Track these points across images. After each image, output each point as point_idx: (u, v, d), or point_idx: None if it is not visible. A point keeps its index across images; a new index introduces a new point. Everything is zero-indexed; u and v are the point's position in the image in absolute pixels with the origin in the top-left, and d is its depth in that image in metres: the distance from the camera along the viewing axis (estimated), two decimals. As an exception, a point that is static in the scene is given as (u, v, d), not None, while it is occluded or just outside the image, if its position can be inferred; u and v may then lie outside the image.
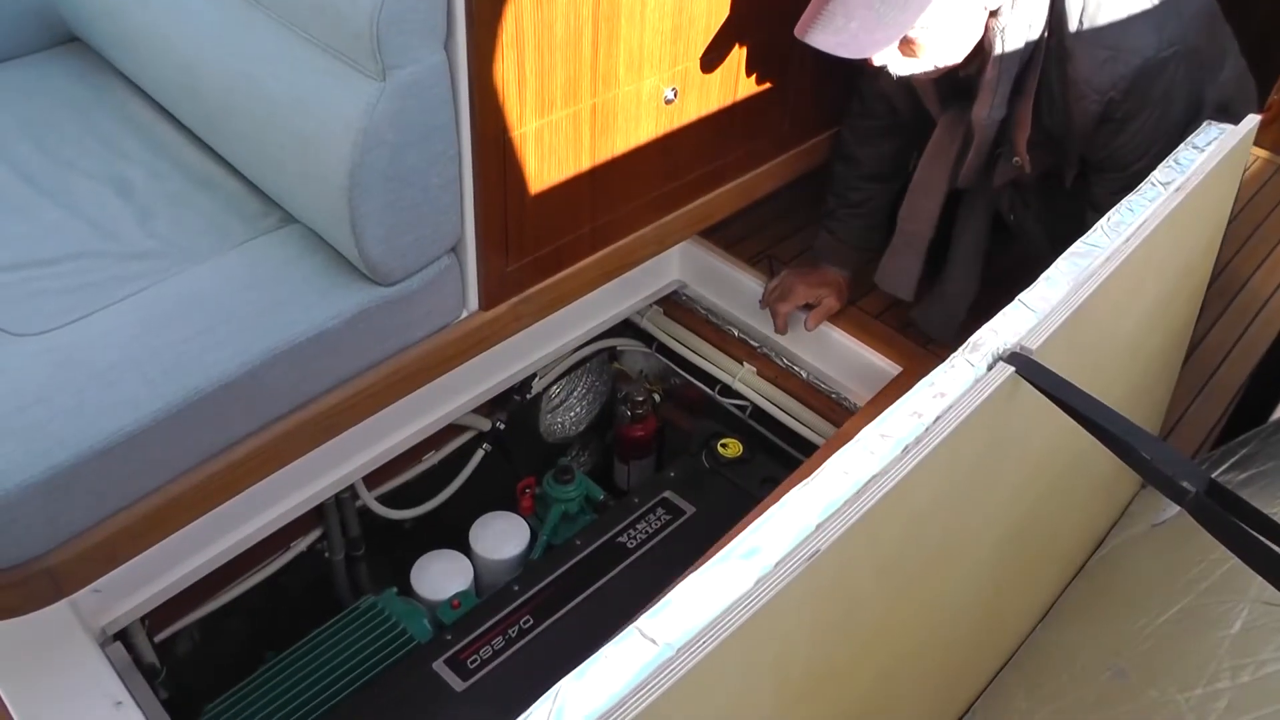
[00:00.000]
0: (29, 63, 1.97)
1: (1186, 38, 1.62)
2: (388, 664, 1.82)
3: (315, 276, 1.55)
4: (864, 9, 1.55)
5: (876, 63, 1.62)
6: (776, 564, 0.81)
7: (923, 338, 2.07)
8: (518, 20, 1.43)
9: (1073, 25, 1.61)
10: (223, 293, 1.50)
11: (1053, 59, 1.64)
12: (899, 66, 1.66)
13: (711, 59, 1.79)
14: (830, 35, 1.59)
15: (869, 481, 0.88)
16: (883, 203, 2.07)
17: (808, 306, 2.11)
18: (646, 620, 0.76)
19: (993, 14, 1.61)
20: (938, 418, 0.96)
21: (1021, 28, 1.61)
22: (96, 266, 1.52)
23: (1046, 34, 1.63)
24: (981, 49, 1.66)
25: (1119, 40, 1.60)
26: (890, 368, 2.06)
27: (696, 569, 0.80)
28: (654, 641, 0.75)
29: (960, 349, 1.05)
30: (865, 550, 0.92)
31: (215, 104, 1.65)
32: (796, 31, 1.62)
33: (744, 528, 0.85)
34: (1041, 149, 1.75)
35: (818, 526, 0.85)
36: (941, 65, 1.66)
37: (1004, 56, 1.63)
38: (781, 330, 2.12)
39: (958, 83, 1.76)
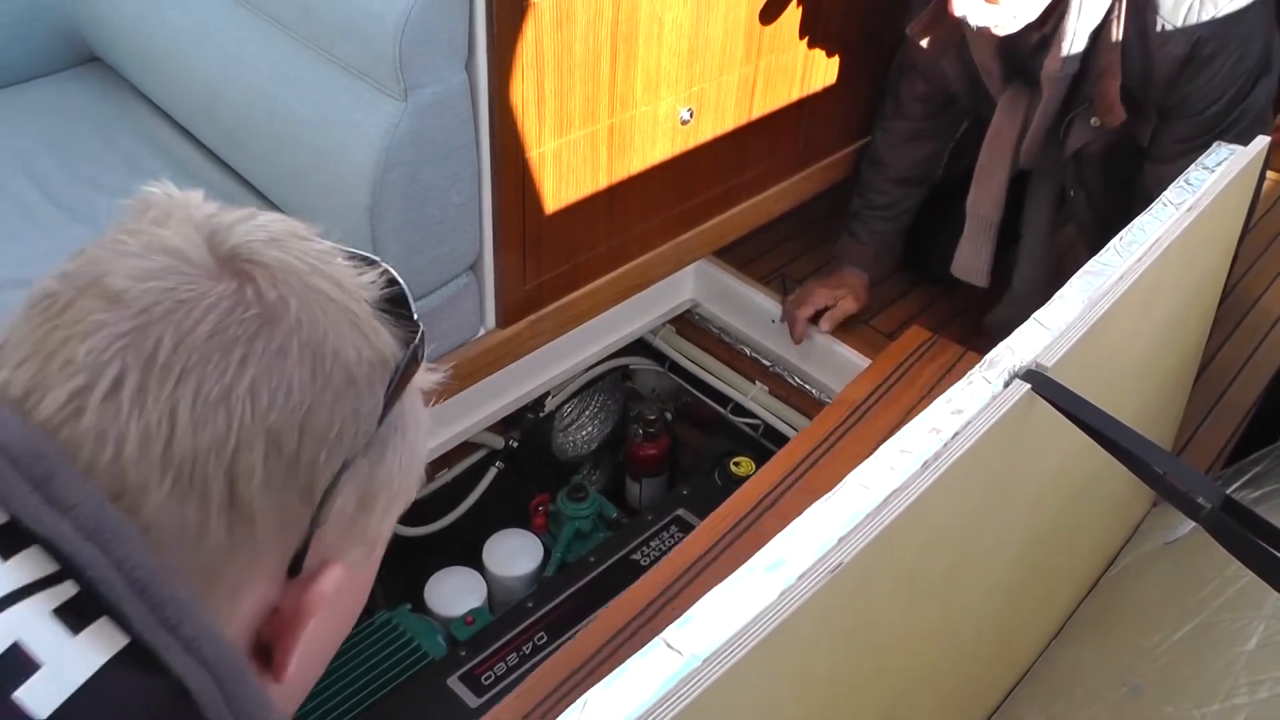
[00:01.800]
0: (51, 82, 1.99)
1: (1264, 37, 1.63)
2: (402, 680, 1.83)
3: (335, 294, 1.57)
4: None
5: (957, 12, 1.60)
6: (800, 576, 0.82)
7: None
8: (538, 42, 1.45)
9: None
10: (243, 310, 1.52)
11: (1132, 7, 1.62)
12: (979, 16, 1.62)
13: (727, 80, 1.81)
14: None
15: (889, 496, 0.90)
16: (908, 207, 2.08)
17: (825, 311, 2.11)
18: (672, 631, 0.78)
19: None
20: (956, 434, 0.97)
21: None
22: None
23: None
24: (1054, 9, 1.64)
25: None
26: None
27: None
28: (680, 653, 0.76)
29: (977, 366, 1.06)
30: (886, 564, 0.93)
31: (236, 123, 1.67)
32: None
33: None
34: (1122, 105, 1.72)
35: (840, 540, 0.86)
36: (1019, 18, 1.63)
37: (1084, 7, 1.61)
38: (799, 340, 2.13)
39: (1021, 58, 1.75)
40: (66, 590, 0.47)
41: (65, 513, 0.47)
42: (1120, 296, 1.16)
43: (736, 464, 2.18)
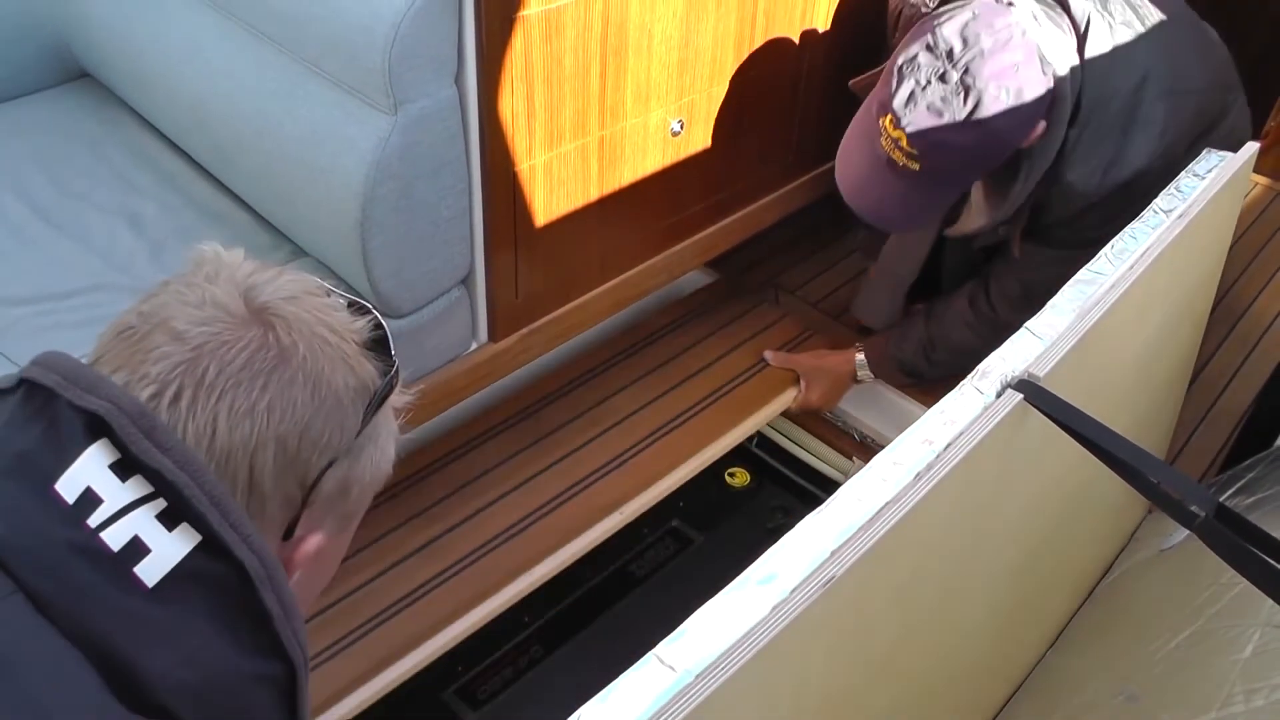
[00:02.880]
0: (42, 99, 1.99)
1: (1180, 142, 1.65)
2: (397, 694, 1.82)
3: (326, 309, 1.56)
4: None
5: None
6: (793, 590, 0.82)
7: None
8: (527, 55, 1.45)
9: (1080, 136, 1.63)
10: (235, 325, 1.51)
11: (1048, 177, 1.67)
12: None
13: (717, 91, 1.81)
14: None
15: (883, 508, 0.89)
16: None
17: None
18: (665, 647, 0.77)
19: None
20: (949, 445, 0.97)
21: (1051, 149, 1.63)
22: (109, 300, 1.54)
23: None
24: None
25: (1118, 151, 1.63)
26: (893, 395, 2.07)
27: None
28: (672, 668, 0.76)
29: (969, 376, 1.06)
30: (880, 576, 0.93)
31: (226, 138, 1.67)
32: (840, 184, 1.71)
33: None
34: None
35: (832, 553, 0.85)
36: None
37: (1030, 176, 1.66)
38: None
39: None
40: (160, 504, 0.69)
41: (165, 452, 0.69)
42: (1112, 305, 1.16)
43: (731, 475, 2.18)
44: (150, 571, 0.67)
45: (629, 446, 1.93)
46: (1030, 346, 1.09)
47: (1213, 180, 1.39)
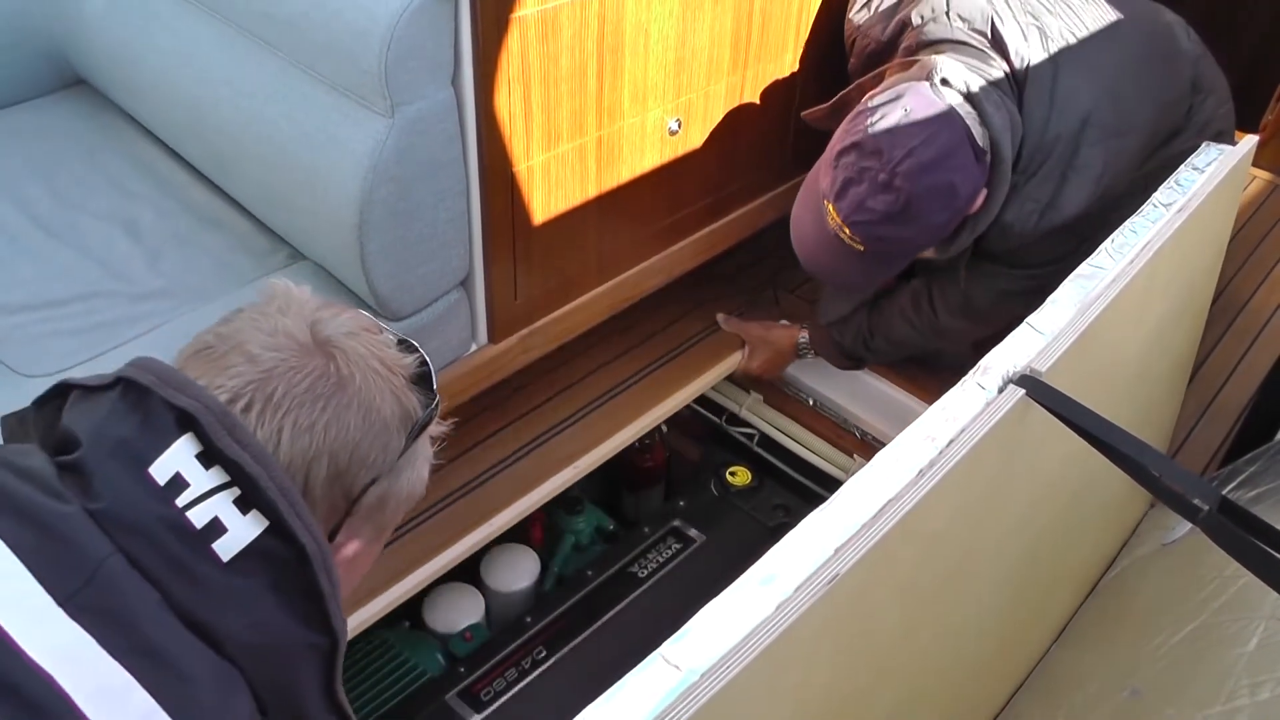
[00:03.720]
0: (37, 105, 1.98)
1: (1119, 182, 1.67)
2: (401, 697, 1.82)
3: (325, 312, 1.56)
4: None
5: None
6: (796, 589, 0.82)
7: (928, 366, 2.08)
8: (524, 55, 1.45)
9: (1017, 179, 1.64)
10: (233, 330, 1.51)
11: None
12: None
13: (715, 90, 1.81)
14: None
15: (885, 505, 0.89)
16: None
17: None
18: (670, 646, 0.77)
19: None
20: (951, 441, 0.97)
21: (994, 208, 1.65)
22: (107, 307, 1.53)
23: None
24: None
25: (1055, 195, 1.65)
26: (894, 392, 2.07)
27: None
28: (677, 668, 0.76)
29: (971, 372, 1.06)
30: (883, 573, 0.93)
31: (222, 143, 1.67)
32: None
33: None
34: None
35: (835, 551, 0.85)
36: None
37: (975, 230, 1.68)
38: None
39: None
40: (235, 491, 0.80)
41: (245, 448, 0.81)
42: (1113, 299, 1.16)
43: (732, 474, 2.18)
44: (226, 547, 0.79)
45: (583, 405, 2.03)
46: (1031, 341, 1.09)
47: (1212, 174, 1.39)
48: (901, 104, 1.56)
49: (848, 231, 1.59)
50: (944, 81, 1.57)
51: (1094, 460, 1.04)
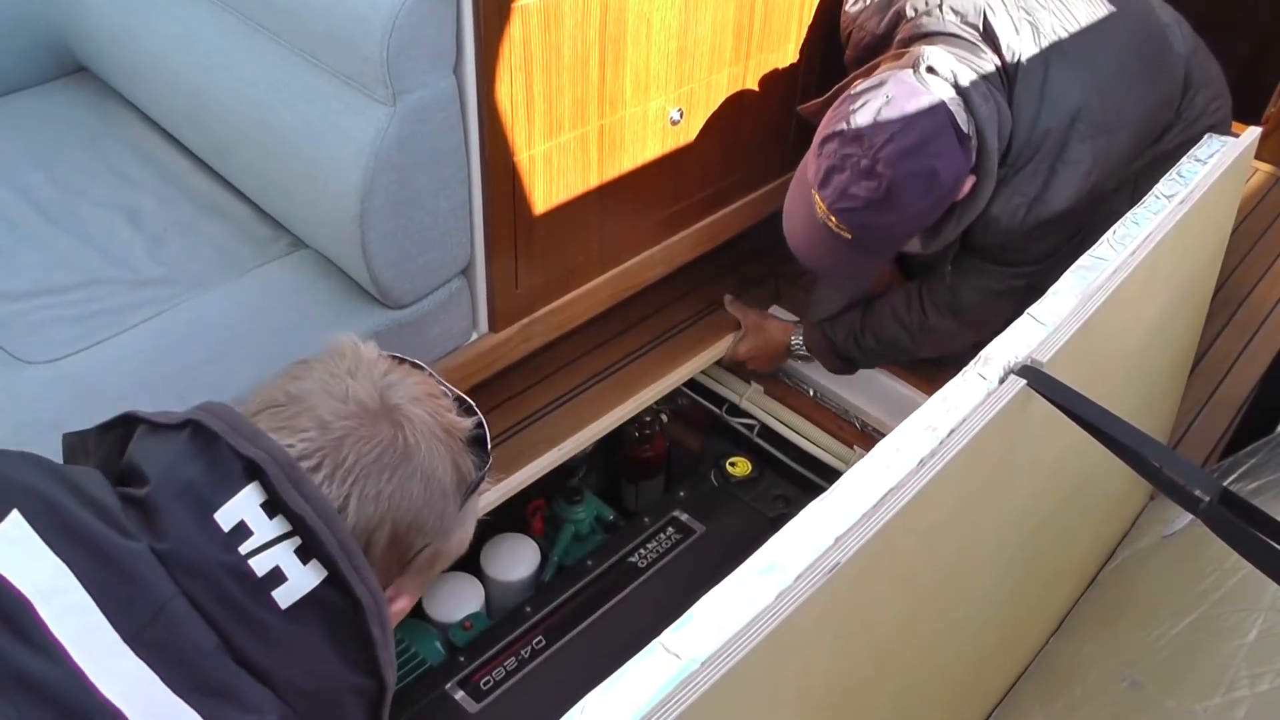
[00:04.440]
0: (38, 93, 1.98)
1: (1109, 179, 1.68)
2: (400, 686, 1.82)
3: (326, 301, 1.56)
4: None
5: None
6: (796, 578, 0.82)
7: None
8: (525, 44, 1.45)
9: (1005, 172, 1.64)
10: (234, 319, 1.51)
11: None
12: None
13: (717, 80, 1.80)
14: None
15: (886, 495, 0.89)
16: None
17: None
18: (670, 635, 0.77)
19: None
20: (951, 431, 0.97)
21: (982, 198, 1.65)
22: (108, 294, 1.53)
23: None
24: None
25: (1043, 190, 1.65)
26: (895, 383, 2.07)
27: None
28: (678, 656, 0.76)
29: (971, 363, 1.06)
30: (883, 563, 0.93)
31: (224, 131, 1.67)
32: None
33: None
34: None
35: (836, 540, 0.85)
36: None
37: (962, 220, 1.68)
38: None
39: None
40: (297, 540, 0.82)
41: (309, 501, 0.83)
42: (1114, 290, 1.16)
43: (732, 464, 2.18)
44: (285, 596, 0.82)
45: (572, 387, 2.03)
46: (1033, 332, 1.09)
47: (1214, 165, 1.38)
48: (884, 90, 1.56)
49: (834, 220, 1.60)
50: (930, 69, 1.57)
51: (1095, 451, 1.04)
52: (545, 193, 1.62)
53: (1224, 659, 1.18)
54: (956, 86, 1.58)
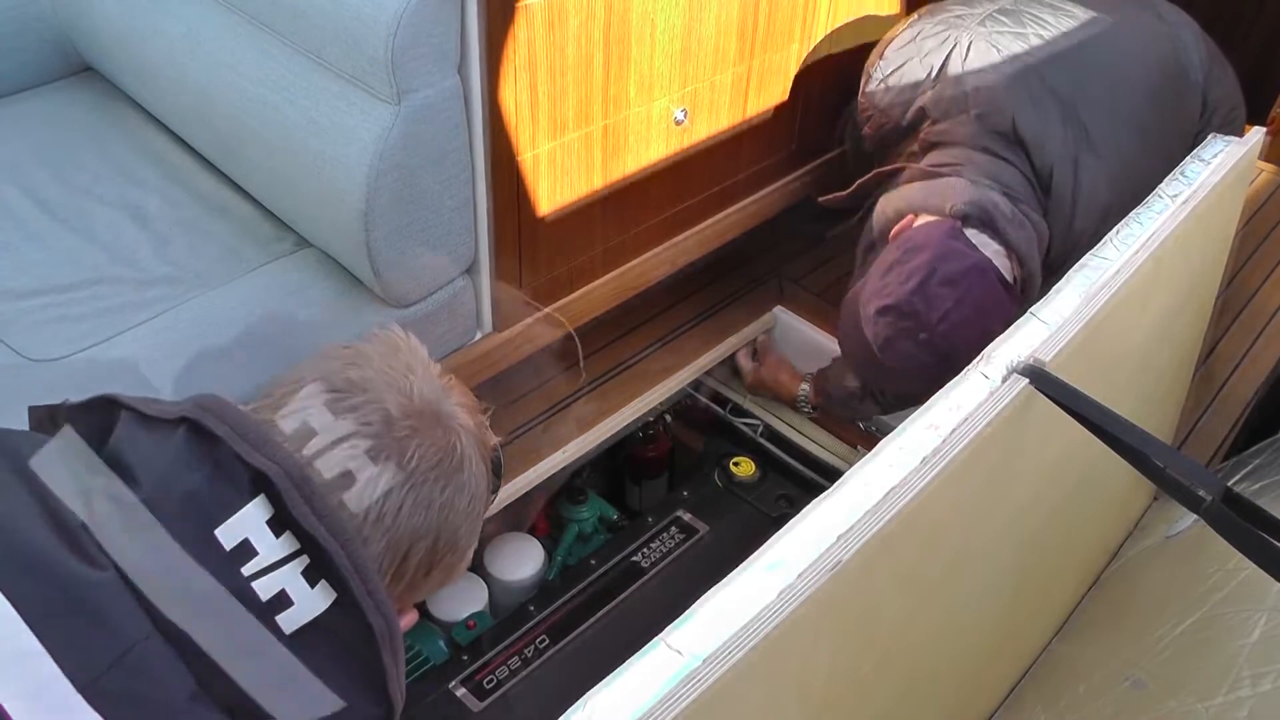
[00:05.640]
0: (44, 93, 1.99)
1: None
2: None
3: (330, 300, 1.57)
4: None
5: None
6: (799, 575, 0.82)
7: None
8: (530, 44, 1.45)
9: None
10: (239, 317, 1.52)
11: None
12: None
13: (721, 80, 1.80)
14: None
15: (888, 493, 0.89)
16: None
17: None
18: (672, 632, 0.77)
19: None
20: (954, 430, 0.97)
21: None
22: (113, 292, 1.54)
23: None
24: None
25: None
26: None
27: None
28: (680, 653, 0.76)
29: (975, 362, 1.06)
30: (886, 562, 0.93)
31: (229, 130, 1.67)
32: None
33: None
34: None
35: (839, 538, 0.85)
36: None
37: None
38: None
39: None
40: (305, 560, 0.76)
41: (321, 519, 0.76)
42: (1118, 290, 1.16)
43: (736, 464, 2.18)
44: (291, 621, 0.76)
45: (574, 390, 2.04)
46: (1036, 331, 1.09)
47: (1218, 166, 1.38)
48: (928, 261, 1.57)
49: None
50: (964, 219, 1.59)
51: (1098, 451, 1.04)
52: (549, 192, 1.62)
53: (1227, 659, 1.18)
54: (993, 228, 1.60)
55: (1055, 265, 1.65)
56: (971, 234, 1.59)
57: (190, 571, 0.73)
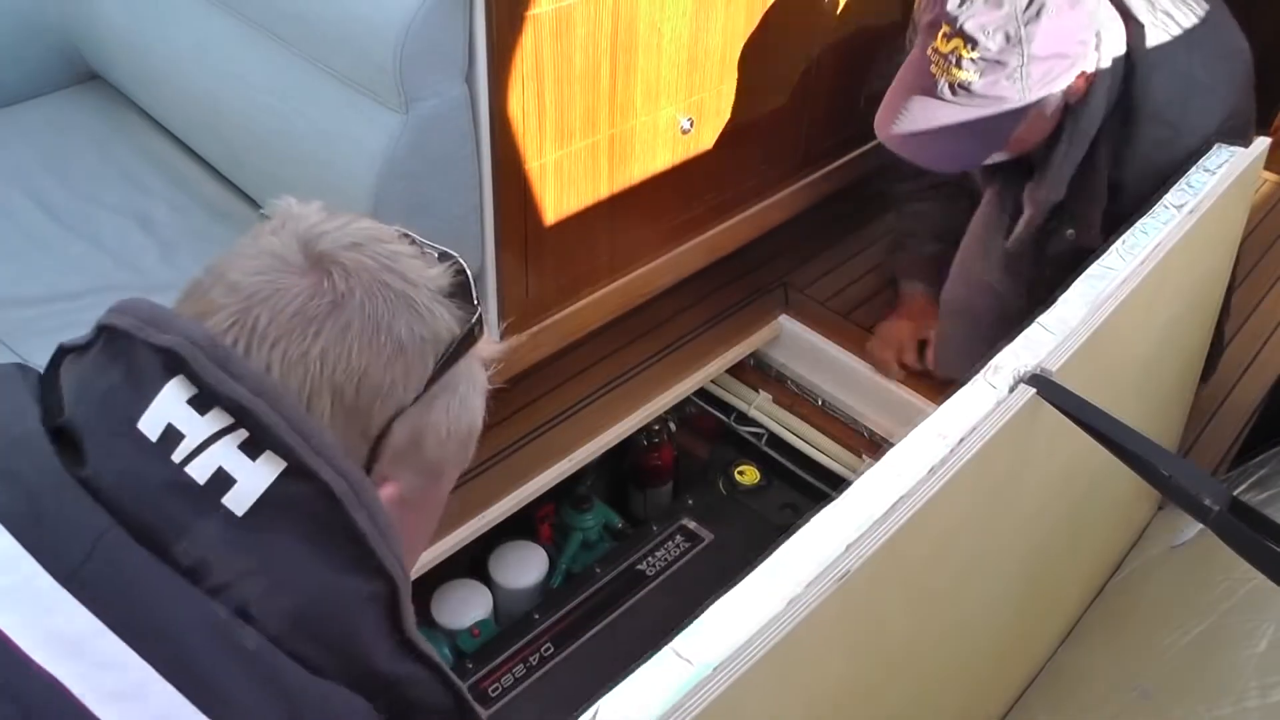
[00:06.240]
0: (51, 101, 1.99)
1: (1239, 109, 1.61)
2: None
3: (337, 307, 1.57)
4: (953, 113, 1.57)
5: None
6: (807, 585, 0.82)
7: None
8: (537, 53, 1.45)
9: (1139, 104, 1.59)
10: (246, 324, 1.52)
11: (1114, 137, 1.62)
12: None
13: (727, 89, 1.81)
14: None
15: (896, 502, 0.90)
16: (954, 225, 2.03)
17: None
18: (681, 640, 0.78)
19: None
20: (962, 439, 0.97)
21: (1096, 114, 1.59)
22: (120, 300, 1.54)
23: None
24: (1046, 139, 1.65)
25: (1180, 118, 1.58)
26: (903, 392, 2.07)
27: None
28: (689, 661, 0.76)
29: (981, 371, 1.06)
30: (893, 571, 0.93)
31: (236, 138, 1.68)
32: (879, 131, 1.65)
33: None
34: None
35: (847, 547, 0.86)
36: (1015, 154, 1.66)
37: (1074, 143, 1.62)
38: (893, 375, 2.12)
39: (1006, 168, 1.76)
40: (242, 434, 0.68)
41: (239, 380, 0.68)
42: (1123, 300, 1.16)
43: (741, 472, 2.18)
44: (238, 501, 0.67)
45: (582, 397, 2.02)
46: (1042, 341, 1.09)
47: (1223, 175, 1.39)
48: None
49: (962, 50, 1.53)
50: None
51: (1103, 460, 1.04)
52: (556, 200, 1.62)
53: (1234, 669, 1.18)
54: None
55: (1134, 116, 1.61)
56: None
57: (121, 470, 0.68)
